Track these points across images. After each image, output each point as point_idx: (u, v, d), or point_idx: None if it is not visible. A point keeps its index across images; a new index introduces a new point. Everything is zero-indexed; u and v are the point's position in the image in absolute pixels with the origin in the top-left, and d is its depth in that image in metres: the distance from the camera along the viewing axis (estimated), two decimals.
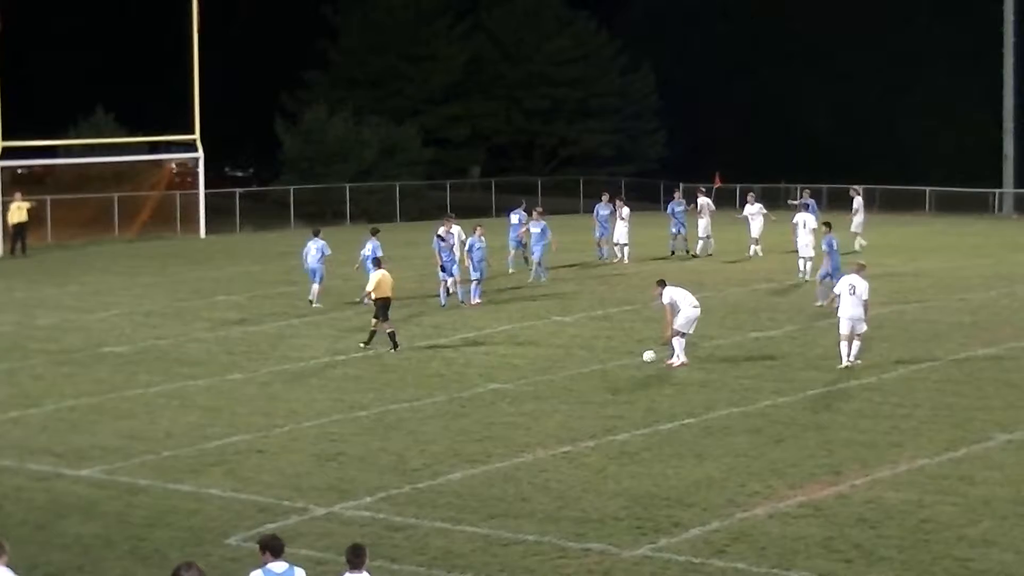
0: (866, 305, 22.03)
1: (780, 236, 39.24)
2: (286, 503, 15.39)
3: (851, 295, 21.93)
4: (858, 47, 67.74)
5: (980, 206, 54.82)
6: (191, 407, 20.21)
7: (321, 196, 54.57)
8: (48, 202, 44.60)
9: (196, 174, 47.69)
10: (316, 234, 30.66)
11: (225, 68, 57.71)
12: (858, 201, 39.42)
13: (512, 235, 35.09)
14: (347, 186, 53.84)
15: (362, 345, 24.39)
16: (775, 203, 45.63)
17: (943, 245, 40.48)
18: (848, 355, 21.97)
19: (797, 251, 33.06)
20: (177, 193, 48.39)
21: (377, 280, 24.58)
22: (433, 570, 13.28)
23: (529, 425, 18.82)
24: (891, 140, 66.04)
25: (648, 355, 22.85)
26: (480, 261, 29.43)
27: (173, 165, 51.40)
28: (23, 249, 40.92)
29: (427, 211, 52.65)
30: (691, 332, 22.67)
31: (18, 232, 41.14)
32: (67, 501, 15.70)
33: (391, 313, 24.66)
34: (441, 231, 29.70)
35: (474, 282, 29.42)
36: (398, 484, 16.06)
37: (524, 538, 14.13)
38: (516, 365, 22.92)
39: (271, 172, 62.28)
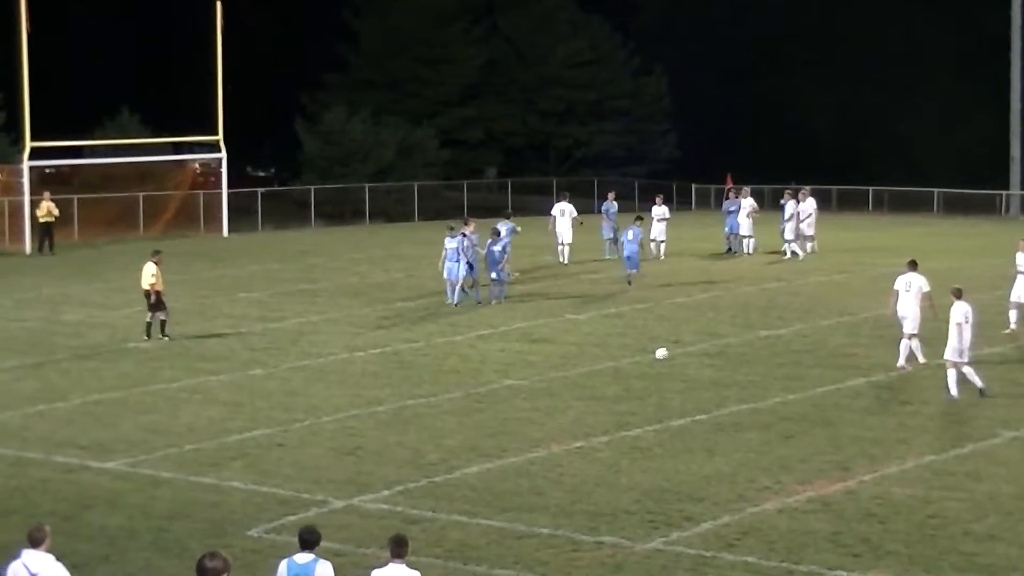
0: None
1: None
2: (305, 496, 15.57)
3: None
4: (867, 49, 67.73)
5: (987, 207, 54.96)
6: (213, 402, 20.44)
7: (340, 196, 54.93)
8: (75, 201, 45.09)
9: (219, 174, 48.08)
10: (507, 217, 33.39)
11: (247, 71, 58.13)
12: (745, 203, 38.36)
13: (606, 227, 37.47)
14: (366, 186, 54.19)
15: (166, 339, 24.86)
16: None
17: (950, 246, 40.53)
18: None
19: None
20: (200, 193, 48.76)
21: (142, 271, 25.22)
22: (449, 562, 13.43)
23: (543, 421, 19.00)
24: (900, 142, 66.08)
25: (660, 352, 23.07)
26: (497, 263, 29.15)
27: (196, 165, 51.79)
28: (50, 247, 41.48)
29: (444, 211, 52.91)
30: (912, 332, 21.91)
31: (45, 230, 41.73)
32: (92, 493, 15.92)
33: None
34: (467, 230, 29.98)
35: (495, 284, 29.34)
36: (415, 478, 16.23)
37: (538, 531, 14.29)
38: (531, 362, 23.12)
39: (292, 172, 62.66)
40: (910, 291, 21.93)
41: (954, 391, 19.86)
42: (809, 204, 38.25)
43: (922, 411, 19.49)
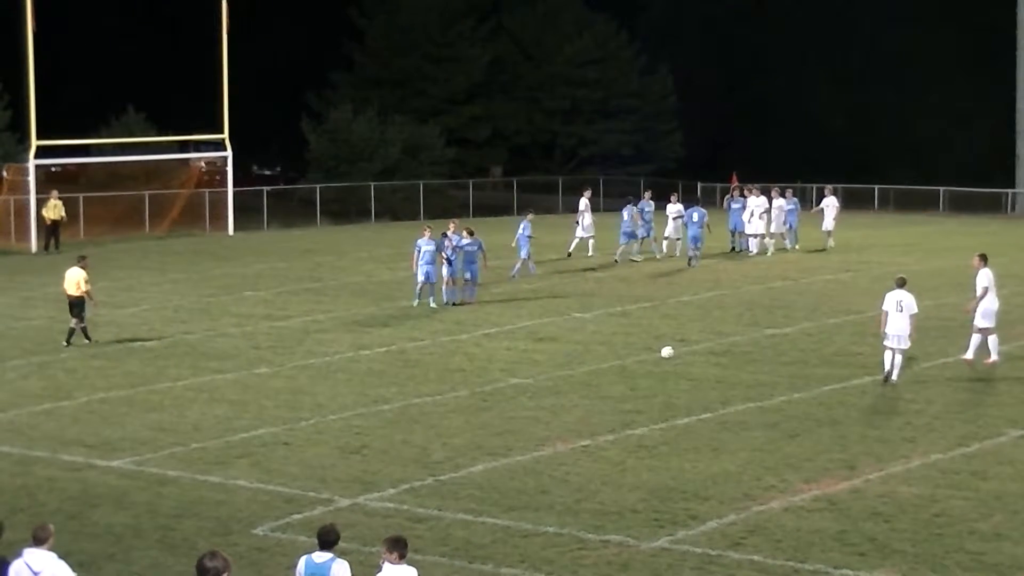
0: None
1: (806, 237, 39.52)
2: (311, 494, 15.64)
3: (898, 311, 20.92)
4: (873, 48, 67.85)
5: (993, 206, 55.25)
6: (219, 400, 20.52)
7: (346, 194, 55.04)
8: (81, 199, 45.29)
9: (224, 172, 48.27)
10: (631, 202, 36.79)
11: (253, 69, 58.28)
12: (752, 202, 38.56)
13: (642, 226, 37.55)
14: (372, 184, 54.30)
15: (64, 344, 24.88)
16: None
17: (956, 244, 40.55)
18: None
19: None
20: (206, 191, 48.95)
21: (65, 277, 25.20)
22: (455, 560, 13.49)
23: (549, 419, 19.07)
24: (905, 141, 66.23)
25: (666, 351, 23.13)
26: (472, 262, 29.23)
27: (202, 164, 52.01)
28: (56, 245, 41.64)
29: (449, 209, 53.00)
30: (991, 326, 22.17)
31: (52, 229, 41.90)
32: (98, 491, 15.99)
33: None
34: (449, 230, 30.09)
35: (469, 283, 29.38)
36: (421, 476, 16.30)
37: (544, 530, 14.35)
38: (536, 360, 23.19)
39: (298, 171, 62.79)
40: (992, 285, 22.27)
41: (893, 373, 20.86)
42: (777, 202, 38.86)
43: (928, 410, 19.53)
